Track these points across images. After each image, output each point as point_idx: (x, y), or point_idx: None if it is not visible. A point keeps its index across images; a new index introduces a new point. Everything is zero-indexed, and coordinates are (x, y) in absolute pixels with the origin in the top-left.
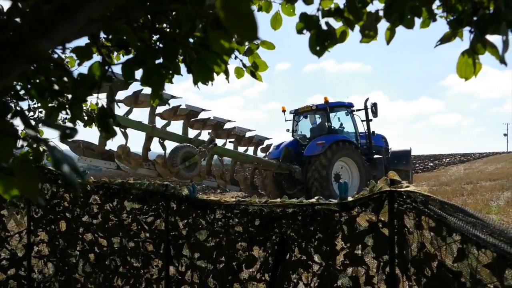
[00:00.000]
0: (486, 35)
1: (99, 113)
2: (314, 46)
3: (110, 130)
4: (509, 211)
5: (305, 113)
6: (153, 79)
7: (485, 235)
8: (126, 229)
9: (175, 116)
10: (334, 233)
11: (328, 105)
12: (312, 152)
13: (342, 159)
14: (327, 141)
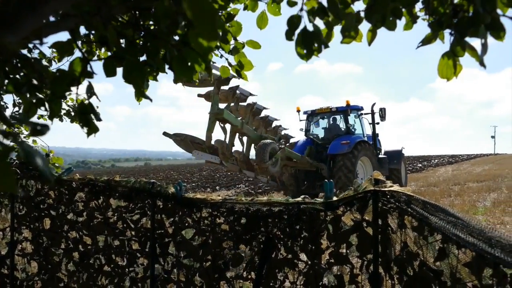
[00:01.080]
0: (465, 38)
1: (79, 108)
2: (301, 50)
3: (91, 126)
4: (495, 212)
5: (322, 114)
6: (133, 76)
7: (465, 235)
8: (112, 227)
9: (250, 112)
10: (320, 232)
11: (349, 107)
12: (338, 151)
13: (361, 158)
14: (351, 141)
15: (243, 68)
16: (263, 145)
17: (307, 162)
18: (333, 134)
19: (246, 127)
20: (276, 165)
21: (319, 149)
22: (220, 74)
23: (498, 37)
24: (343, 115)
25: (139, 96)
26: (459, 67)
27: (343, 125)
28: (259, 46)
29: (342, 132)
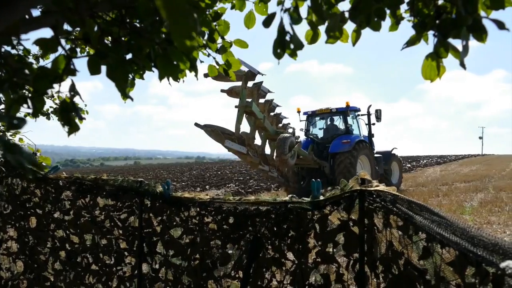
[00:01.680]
0: (448, 39)
1: (61, 106)
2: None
3: (72, 124)
4: (481, 211)
5: (321, 115)
6: (116, 73)
7: (448, 234)
8: (99, 225)
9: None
10: (307, 231)
11: (349, 108)
12: (340, 150)
13: (360, 157)
14: (351, 141)
15: (230, 67)
16: (283, 138)
17: (312, 159)
18: (332, 134)
19: (267, 122)
20: (294, 157)
21: (320, 148)
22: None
23: (480, 39)
24: (343, 115)
25: (121, 93)
26: (443, 69)
27: (342, 125)
28: (247, 46)
29: (341, 132)
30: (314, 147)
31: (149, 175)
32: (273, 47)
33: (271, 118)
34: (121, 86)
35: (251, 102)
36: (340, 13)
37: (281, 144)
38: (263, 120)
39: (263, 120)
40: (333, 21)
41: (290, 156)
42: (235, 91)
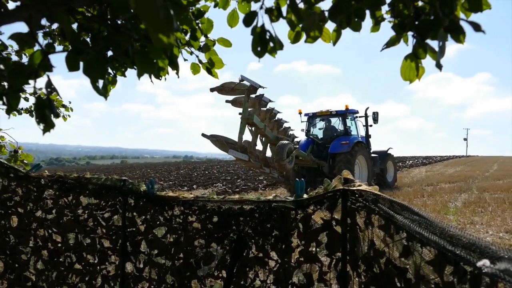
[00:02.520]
0: (426, 40)
1: (36, 103)
2: (256, 47)
3: (47, 121)
4: (465, 212)
5: (322, 117)
6: (93, 70)
7: (428, 233)
8: (82, 224)
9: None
10: (290, 230)
11: (348, 111)
12: (339, 150)
13: (358, 157)
14: (350, 142)
15: (213, 66)
16: (282, 145)
17: (311, 159)
18: (332, 135)
19: (268, 130)
20: (291, 162)
21: (319, 148)
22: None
23: (458, 40)
24: (342, 117)
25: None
26: (422, 69)
27: (341, 127)
28: (230, 44)
29: (340, 133)
30: (314, 147)
31: (136, 174)
32: (252, 45)
33: (272, 124)
34: (95, 83)
35: (253, 114)
36: (320, 12)
37: (280, 151)
38: (264, 128)
39: (264, 129)
40: (311, 20)
41: (288, 161)
42: (239, 102)
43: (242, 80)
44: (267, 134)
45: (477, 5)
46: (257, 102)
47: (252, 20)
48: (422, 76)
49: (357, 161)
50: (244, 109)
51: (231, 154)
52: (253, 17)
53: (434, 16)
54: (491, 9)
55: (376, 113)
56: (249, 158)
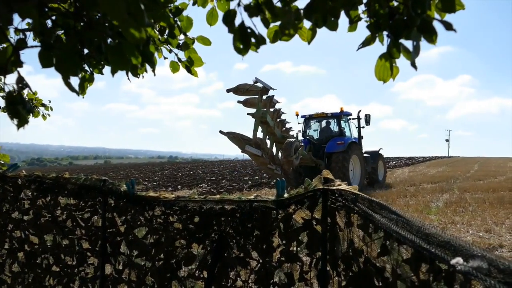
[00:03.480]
0: (399, 40)
1: (7, 99)
2: (238, 45)
3: (20, 117)
4: (447, 212)
5: (318, 118)
6: (65, 66)
7: (405, 232)
8: (60, 225)
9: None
10: (271, 230)
11: (342, 113)
12: (335, 150)
13: (352, 157)
14: (345, 142)
15: (193, 64)
16: (289, 143)
17: (310, 158)
18: (327, 135)
19: (276, 129)
20: (298, 158)
21: (316, 148)
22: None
23: (431, 40)
24: (337, 119)
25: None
26: (396, 69)
27: (336, 128)
28: (210, 43)
29: (335, 134)
30: (311, 147)
31: (119, 175)
32: (233, 43)
33: (278, 123)
34: (67, 79)
35: (266, 113)
36: (295, 10)
37: (288, 147)
38: (274, 127)
39: (274, 127)
40: (287, 18)
41: (295, 157)
42: (250, 102)
43: (256, 82)
44: (275, 133)
45: (450, 5)
46: (268, 102)
47: (232, 19)
48: (397, 76)
49: (351, 160)
50: (258, 109)
51: (247, 149)
52: (233, 15)
53: (407, 15)
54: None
55: (368, 116)
56: (262, 153)
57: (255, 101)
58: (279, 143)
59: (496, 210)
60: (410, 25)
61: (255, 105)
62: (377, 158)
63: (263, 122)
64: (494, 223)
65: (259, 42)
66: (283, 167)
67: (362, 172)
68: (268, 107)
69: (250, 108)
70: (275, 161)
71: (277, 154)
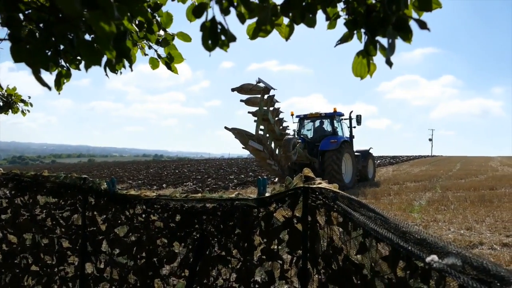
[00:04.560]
0: (376, 37)
1: None
2: (206, 41)
3: None
4: (429, 210)
5: (312, 118)
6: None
7: (382, 230)
8: (40, 224)
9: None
10: (253, 228)
11: (335, 114)
12: (328, 148)
13: (345, 155)
14: (338, 140)
15: (173, 60)
16: (288, 139)
17: (305, 156)
18: (321, 134)
19: (276, 128)
20: (296, 154)
21: (310, 147)
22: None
23: (406, 39)
24: (330, 119)
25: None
26: (373, 66)
27: (329, 128)
28: (190, 39)
29: (328, 133)
30: (306, 146)
31: (103, 173)
32: (202, 39)
33: (277, 122)
34: (37, 73)
35: (268, 111)
36: (272, 6)
37: (287, 144)
38: (274, 124)
39: (274, 125)
40: (264, 14)
41: (293, 153)
42: (252, 101)
43: (258, 82)
44: (274, 130)
45: (427, 4)
46: (270, 101)
47: (202, 11)
48: (374, 72)
49: (344, 158)
50: (260, 107)
51: (251, 144)
52: (203, 8)
53: (384, 13)
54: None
55: (360, 116)
56: (263, 148)
57: (257, 100)
58: (278, 140)
59: (476, 208)
60: (385, 22)
61: (256, 104)
62: (367, 157)
63: (265, 120)
64: (475, 221)
65: (229, 39)
66: (280, 163)
67: (353, 170)
68: (269, 105)
69: (252, 106)
70: (273, 157)
71: (275, 150)
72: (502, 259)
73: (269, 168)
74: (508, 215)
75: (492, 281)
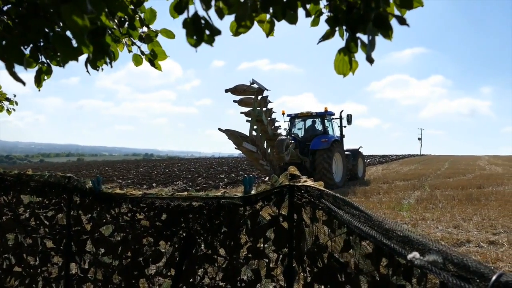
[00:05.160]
0: (356, 34)
1: None
2: (191, 37)
3: None
4: (418, 208)
5: (303, 117)
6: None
7: (366, 227)
8: (23, 224)
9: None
10: (239, 227)
11: (326, 113)
12: (319, 147)
13: (335, 154)
14: (329, 140)
15: (156, 57)
16: (281, 140)
17: (297, 155)
18: (312, 134)
19: (269, 128)
20: (289, 154)
21: (301, 146)
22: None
23: (387, 36)
24: (321, 118)
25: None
26: (355, 64)
27: (320, 127)
28: (173, 36)
29: (319, 132)
30: (296, 145)
31: (93, 172)
32: (186, 35)
33: (269, 122)
34: (11, 68)
35: (261, 112)
36: (252, 2)
37: (280, 144)
38: (267, 125)
39: (267, 126)
40: (242, 10)
41: (286, 154)
42: (245, 102)
43: (252, 83)
44: (267, 130)
45: (408, 1)
46: (263, 102)
47: (184, 7)
48: (356, 70)
49: (334, 157)
50: (254, 108)
51: (244, 146)
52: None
53: (363, 10)
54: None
55: (350, 116)
56: (257, 150)
57: (250, 100)
58: (270, 140)
59: (464, 207)
60: (365, 19)
61: (249, 105)
62: (357, 156)
63: (258, 121)
64: (462, 219)
65: (214, 33)
66: (272, 163)
67: (344, 169)
68: (263, 106)
69: (245, 107)
70: (266, 157)
71: (268, 150)
72: (488, 257)
73: (261, 168)
74: (495, 214)
75: (471, 278)
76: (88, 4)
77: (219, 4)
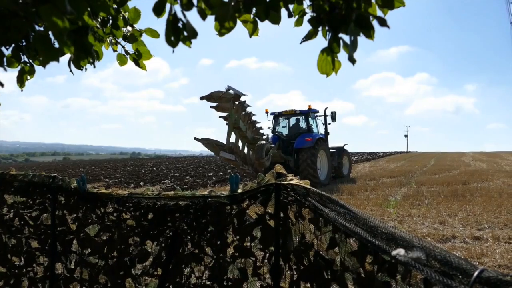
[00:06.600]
0: (338, 34)
1: None
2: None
3: None
4: (404, 205)
5: (287, 115)
6: None
7: (351, 225)
8: (7, 224)
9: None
10: (226, 225)
11: (310, 111)
12: (303, 145)
13: (320, 152)
14: (313, 138)
15: (141, 57)
16: (260, 145)
17: (280, 155)
18: (295, 132)
19: (248, 132)
20: (269, 159)
21: (285, 144)
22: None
23: (369, 36)
24: (305, 116)
25: None
26: (338, 63)
27: (304, 125)
28: (158, 35)
29: (303, 130)
30: (280, 144)
31: (79, 172)
32: (165, 35)
33: (249, 125)
34: None
35: (238, 119)
36: (235, 2)
37: (259, 150)
38: (245, 130)
39: (245, 131)
40: (223, 11)
41: (267, 159)
42: (221, 107)
43: (228, 90)
44: (247, 136)
45: (389, 2)
46: (240, 108)
47: (162, 8)
48: (339, 70)
49: (319, 155)
50: (230, 115)
51: (222, 155)
52: (163, 4)
53: (345, 10)
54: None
55: (334, 113)
56: (235, 158)
57: (227, 105)
58: (251, 144)
59: (450, 203)
60: (347, 19)
61: (227, 110)
62: (342, 154)
63: (236, 128)
64: (448, 215)
65: (190, 35)
66: (255, 167)
67: (329, 167)
68: (240, 112)
69: (222, 112)
70: (247, 161)
71: (249, 154)
72: (473, 252)
73: (244, 172)
74: (480, 209)
75: (454, 274)
76: (67, 5)
77: (201, 4)
